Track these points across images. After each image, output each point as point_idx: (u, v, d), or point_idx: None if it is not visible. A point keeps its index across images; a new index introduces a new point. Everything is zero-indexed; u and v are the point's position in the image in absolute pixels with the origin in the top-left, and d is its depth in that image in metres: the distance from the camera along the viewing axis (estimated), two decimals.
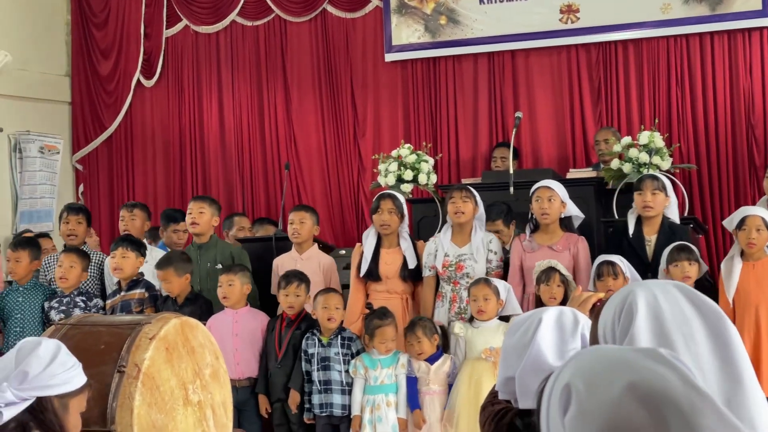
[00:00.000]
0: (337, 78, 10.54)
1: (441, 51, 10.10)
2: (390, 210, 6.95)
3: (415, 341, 6.38)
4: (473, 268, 6.75)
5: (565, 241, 6.70)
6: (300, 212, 7.45)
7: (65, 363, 2.77)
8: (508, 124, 9.73)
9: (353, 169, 10.45)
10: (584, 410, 1.36)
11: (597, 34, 9.56)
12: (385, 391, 6.40)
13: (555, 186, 6.74)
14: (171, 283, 6.93)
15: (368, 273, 6.97)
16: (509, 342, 2.49)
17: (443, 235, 6.94)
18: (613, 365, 1.39)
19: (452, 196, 6.88)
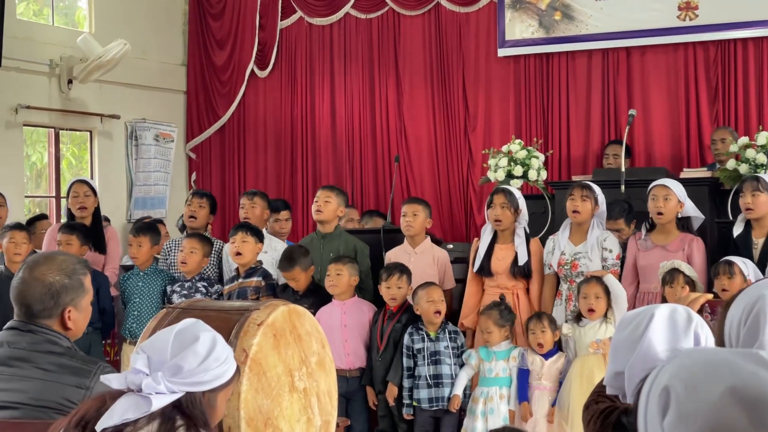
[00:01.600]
0: (449, 72, 10.53)
1: (555, 47, 10.02)
2: (502, 204, 6.89)
3: (539, 330, 6.35)
4: (588, 267, 6.68)
5: (680, 241, 6.60)
6: (413, 205, 7.42)
7: (219, 357, 2.74)
8: (620, 122, 9.61)
9: (463, 164, 10.44)
10: (684, 413, 1.34)
11: (716, 32, 9.38)
12: (499, 383, 6.41)
13: (672, 185, 6.64)
14: (299, 281, 7.00)
15: (480, 268, 6.95)
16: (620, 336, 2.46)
17: (561, 233, 6.88)
18: (713, 368, 1.37)
19: (572, 193, 6.80)
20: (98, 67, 9.95)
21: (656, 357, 2.35)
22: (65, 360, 3.26)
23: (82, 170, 10.97)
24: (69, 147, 11.08)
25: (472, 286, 7.02)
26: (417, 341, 6.62)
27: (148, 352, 2.65)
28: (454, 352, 6.59)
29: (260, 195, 8.08)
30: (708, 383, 1.34)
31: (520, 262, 6.86)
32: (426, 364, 6.58)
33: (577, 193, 6.75)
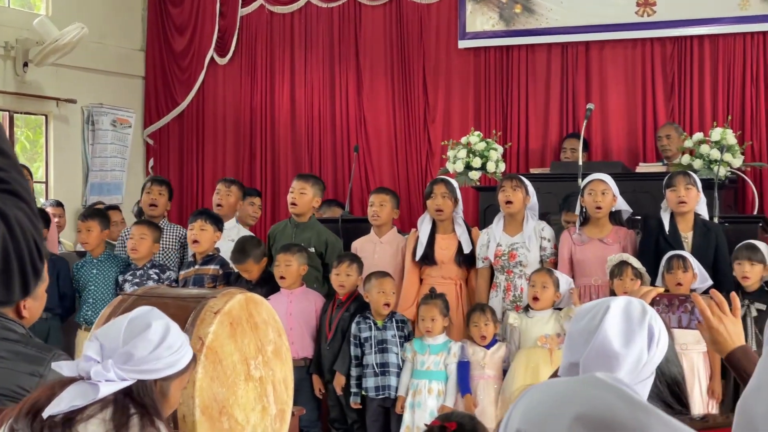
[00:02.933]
0: (409, 63, 10.54)
1: (514, 39, 10.06)
2: (443, 194, 6.95)
3: (483, 323, 6.39)
4: (526, 257, 6.76)
5: (615, 234, 6.72)
6: (381, 194, 7.43)
7: (172, 345, 2.72)
8: (578, 116, 9.67)
9: (422, 155, 10.46)
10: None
11: (673, 28, 9.47)
12: (429, 377, 6.43)
13: (608, 179, 6.74)
14: (251, 272, 7.01)
15: (424, 257, 6.98)
16: (575, 328, 2.49)
17: (495, 226, 6.95)
18: (557, 401, 1.38)
19: (502, 185, 6.90)
20: (55, 50, 9.86)
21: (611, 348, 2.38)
22: (20, 347, 3.24)
23: (37, 155, 10.87)
24: (24, 131, 10.97)
25: (412, 276, 7.05)
26: (364, 330, 6.65)
27: (101, 340, 2.64)
28: (401, 341, 6.63)
29: (237, 184, 8.09)
30: (555, 418, 1.35)
31: (465, 250, 6.92)
32: (373, 352, 6.61)
33: (507, 184, 6.85)
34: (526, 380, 6.20)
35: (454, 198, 7.00)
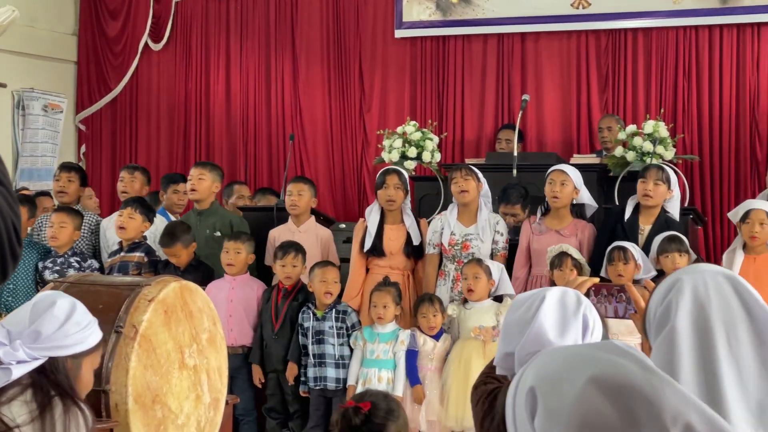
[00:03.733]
0: (346, 51, 10.52)
1: (451, 30, 10.08)
2: (396, 185, 6.95)
3: (431, 314, 6.40)
4: (479, 249, 6.75)
5: (573, 226, 6.71)
6: (298, 184, 7.44)
7: (80, 322, 2.76)
8: (514, 107, 9.72)
9: (357, 144, 10.45)
10: (551, 410, 1.36)
11: (607, 21, 9.55)
12: (379, 365, 6.42)
13: (569, 171, 6.73)
14: (180, 257, 6.98)
15: (372, 248, 6.98)
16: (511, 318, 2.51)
17: (450, 214, 6.92)
18: (573, 362, 1.40)
19: (453, 177, 6.88)
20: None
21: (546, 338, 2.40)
22: None
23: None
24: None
25: (358, 266, 7.05)
26: (306, 320, 6.66)
27: (7, 326, 2.68)
28: (340, 332, 6.61)
29: (141, 170, 8.08)
30: (569, 377, 1.37)
31: (414, 241, 6.92)
32: (310, 343, 6.60)
33: (457, 174, 6.84)
34: (459, 372, 6.23)
35: (405, 189, 7.00)
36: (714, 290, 1.93)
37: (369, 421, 3.57)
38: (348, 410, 3.60)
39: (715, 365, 1.83)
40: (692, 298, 1.93)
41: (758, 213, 6.20)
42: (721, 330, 1.88)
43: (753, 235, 6.20)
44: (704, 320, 1.89)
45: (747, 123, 9.10)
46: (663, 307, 1.95)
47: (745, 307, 1.91)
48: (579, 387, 1.34)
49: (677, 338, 1.88)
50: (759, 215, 6.19)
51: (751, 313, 1.90)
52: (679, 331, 1.88)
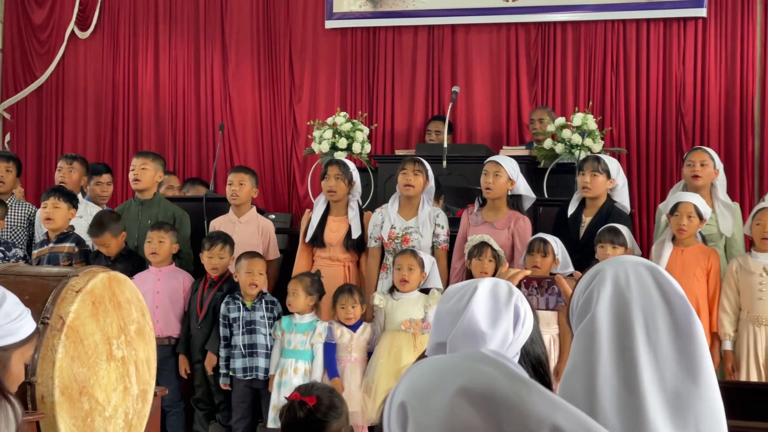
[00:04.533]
0: (276, 41, 10.47)
1: (381, 21, 10.08)
2: (337, 176, 6.90)
3: (350, 305, 6.39)
4: (419, 242, 6.74)
5: (507, 219, 6.70)
6: (239, 174, 7.37)
7: (10, 314, 2.69)
8: (444, 98, 9.75)
9: (287, 134, 10.42)
10: (421, 425, 1.36)
11: (537, 14, 9.61)
12: (296, 356, 6.41)
13: (504, 162, 6.72)
14: (109, 246, 6.91)
15: (313, 239, 6.96)
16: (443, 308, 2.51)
17: (390, 207, 6.90)
18: (441, 374, 1.39)
19: (404, 167, 6.81)
20: None
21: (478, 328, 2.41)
22: None
23: None
24: None
25: (302, 257, 7.02)
26: (233, 310, 6.62)
27: None
28: (270, 322, 6.60)
29: (80, 160, 7.96)
30: (438, 390, 1.36)
31: (353, 235, 6.90)
32: (241, 333, 6.57)
33: (409, 167, 6.79)
34: (389, 364, 6.23)
35: (348, 180, 6.95)
36: (634, 280, 1.95)
37: (312, 415, 3.59)
38: (294, 403, 3.61)
39: (633, 353, 1.85)
40: (613, 287, 1.94)
41: (687, 206, 6.29)
42: (640, 319, 1.89)
43: (681, 228, 6.28)
44: (624, 309, 1.91)
45: (673, 116, 9.23)
46: (585, 297, 1.97)
47: (664, 297, 1.92)
48: (447, 399, 1.34)
49: (597, 327, 1.90)
50: (687, 208, 6.28)
51: (670, 303, 1.92)
52: (599, 320, 1.90)
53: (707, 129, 9.12)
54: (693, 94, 9.20)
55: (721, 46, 9.15)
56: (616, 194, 6.76)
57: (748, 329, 6.12)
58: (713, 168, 6.75)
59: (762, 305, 6.09)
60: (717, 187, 6.78)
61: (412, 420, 1.38)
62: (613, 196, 6.74)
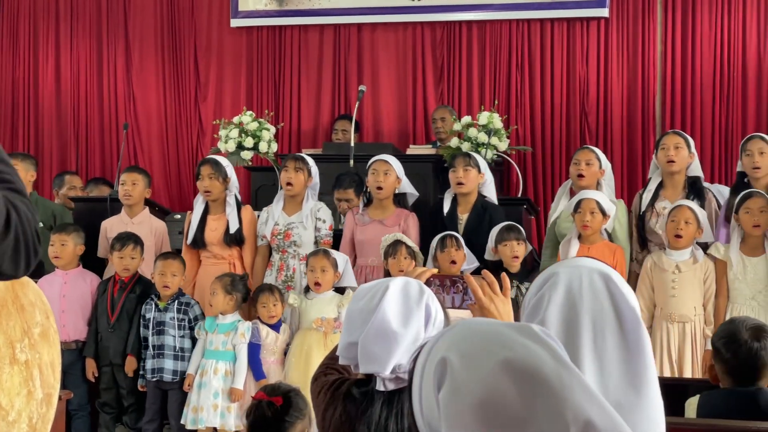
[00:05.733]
0: (181, 40, 10.37)
1: (287, 20, 10.04)
2: (210, 175, 6.87)
3: (271, 303, 6.35)
4: (301, 237, 6.77)
5: (396, 216, 6.78)
6: (132, 173, 7.33)
7: None
8: (350, 97, 9.76)
9: (192, 134, 10.32)
10: (458, 385, 1.36)
11: (442, 13, 9.66)
12: (216, 357, 6.36)
13: (392, 161, 6.79)
14: None
15: (194, 240, 6.94)
16: (354, 307, 2.50)
17: (275, 204, 6.94)
18: (489, 341, 1.39)
19: (286, 165, 6.87)
20: None
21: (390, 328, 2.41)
22: None
23: None
24: None
25: (188, 259, 6.97)
26: (148, 311, 6.57)
27: None
28: (182, 323, 6.54)
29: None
30: (483, 355, 1.37)
31: (231, 230, 6.87)
32: (151, 334, 6.51)
33: (290, 164, 6.83)
34: (300, 364, 6.21)
35: (222, 177, 6.92)
36: (587, 287, 1.93)
37: (279, 415, 3.59)
38: (261, 403, 3.59)
39: (578, 361, 1.83)
40: (565, 292, 1.93)
41: (589, 202, 6.37)
42: (589, 328, 1.88)
43: (585, 224, 6.36)
44: (574, 316, 1.90)
45: (577, 115, 9.36)
46: (536, 300, 1.95)
47: (614, 307, 1.90)
48: (490, 367, 1.34)
49: None
50: (590, 204, 6.36)
51: (620, 313, 1.90)
52: (547, 325, 1.88)
53: (610, 127, 9.26)
54: (596, 93, 9.33)
55: (623, 46, 9.30)
56: (484, 189, 6.84)
57: (661, 326, 6.21)
58: (599, 167, 6.84)
59: (675, 302, 6.19)
60: (603, 186, 6.86)
61: (451, 377, 1.37)
62: (482, 192, 6.81)
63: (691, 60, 9.14)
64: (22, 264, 1.87)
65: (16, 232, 1.82)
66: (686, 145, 6.67)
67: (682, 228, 6.19)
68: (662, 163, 6.69)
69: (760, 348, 3.46)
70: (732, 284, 6.20)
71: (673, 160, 6.62)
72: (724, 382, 3.55)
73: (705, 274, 6.22)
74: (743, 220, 6.18)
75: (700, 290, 6.21)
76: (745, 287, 6.16)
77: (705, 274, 6.22)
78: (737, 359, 3.48)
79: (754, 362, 3.46)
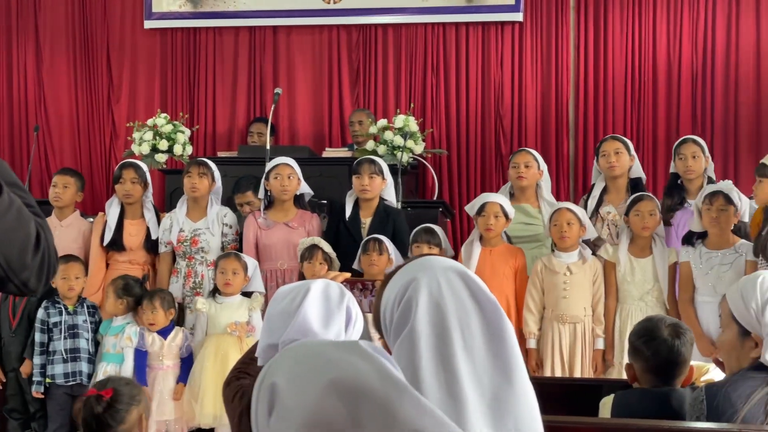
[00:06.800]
0: (93, 41, 10.22)
1: (202, 21, 9.96)
2: (133, 180, 6.88)
3: (150, 310, 6.32)
4: (209, 243, 6.76)
5: (300, 218, 6.81)
6: (65, 176, 7.25)
7: None
8: (266, 100, 9.72)
9: (105, 136, 10.18)
10: (286, 408, 1.36)
11: (358, 16, 9.66)
12: (108, 360, 6.32)
13: (293, 164, 6.83)
14: None
15: (112, 243, 6.86)
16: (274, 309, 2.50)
17: (179, 210, 6.92)
18: (316, 362, 1.40)
19: (189, 171, 6.87)
20: None
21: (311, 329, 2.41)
22: None
23: None
24: None
25: (98, 261, 6.90)
26: (53, 315, 6.46)
27: None
28: (92, 326, 6.49)
29: None
30: (309, 377, 1.37)
31: (153, 236, 6.87)
32: (63, 338, 6.41)
33: (194, 170, 6.85)
34: (216, 368, 6.18)
35: (144, 183, 6.89)
36: (447, 287, 1.96)
37: (111, 407, 3.58)
38: (90, 399, 3.58)
39: (453, 362, 1.86)
40: (428, 297, 1.94)
41: (493, 206, 6.45)
42: (456, 326, 1.91)
43: (488, 228, 6.44)
44: (441, 318, 1.92)
45: (492, 119, 9.42)
46: (401, 308, 1.96)
47: (475, 301, 1.95)
48: (317, 389, 1.34)
49: (417, 339, 1.89)
50: (493, 208, 6.44)
51: (481, 306, 1.94)
52: (418, 332, 1.90)
53: (525, 131, 9.34)
54: (511, 97, 9.41)
55: (537, 50, 9.39)
56: (385, 193, 6.89)
57: (552, 327, 6.29)
58: (537, 169, 6.95)
59: (566, 303, 6.27)
60: (542, 188, 6.98)
61: (280, 402, 1.38)
62: (383, 196, 6.86)
63: (603, 64, 9.26)
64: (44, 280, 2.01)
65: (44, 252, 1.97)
66: (626, 149, 6.82)
67: (566, 230, 6.30)
68: (604, 169, 6.82)
69: (681, 344, 3.51)
70: (621, 285, 6.32)
71: (614, 166, 6.75)
72: (644, 381, 3.59)
73: (594, 276, 6.33)
74: (633, 222, 6.31)
75: (589, 291, 6.32)
76: (633, 288, 6.28)
77: (594, 276, 6.33)
78: (658, 357, 3.52)
79: (675, 359, 3.51)
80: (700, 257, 6.10)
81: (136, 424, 3.67)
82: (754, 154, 8.64)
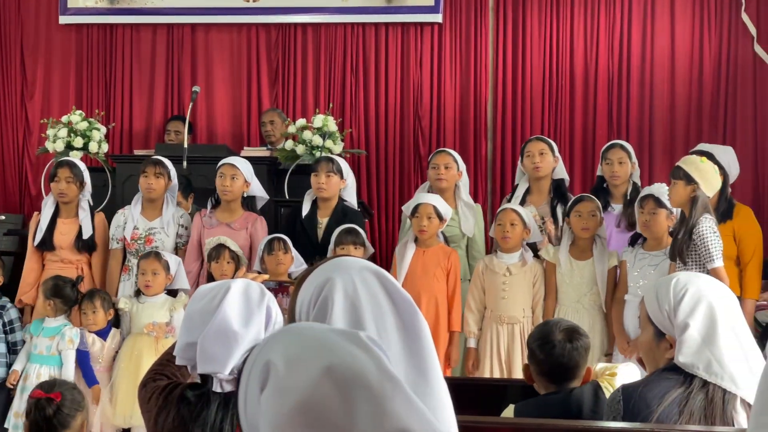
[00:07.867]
0: (6, 36, 10.03)
1: (119, 18, 9.83)
2: (68, 179, 6.77)
3: (90, 311, 6.23)
4: (164, 242, 6.71)
5: (244, 220, 6.74)
6: None
7: None
8: (184, 98, 9.64)
9: (18, 133, 10.00)
10: (281, 388, 1.37)
11: (277, 15, 9.63)
12: (40, 361, 6.21)
13: (240, 164, 6.75)
14: None
15: (42, 242, 6.76)
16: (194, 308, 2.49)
17: (134, 207, 6.84)
18: (315, 346, 1.41)
19: (145, 171, 6.77)
20: None
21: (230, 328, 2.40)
22: None
23: None
24: None
25: (32, 261, 6.80)
26: None
27: None
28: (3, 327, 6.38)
29: None
30: (307, 360, 1.38)
31: (84, 235, 6.75)
32: None
33: (150, 170, 6.75)
34: (130, 368, 6.12)
35: (80, 181, 6.79)
36: (362, 287, 1.99)
37: (60, 412, 3.64)
38: (40, 401, 3.62)
39: None
40: (344, 296, 1.98)
41: (426, 207, 6.45)
42: (372, 324, 1.94)
43: (422, 229, 6.44)
44: (357, 318, 1.95)
45: (411, 119, 9.45)
46: (317, 308, 1.99)
47: (391, 300, 1.98)
48: (313, 372, 1.35)
49: None
50: (427, 209, 6.44)
51: (397, 305, 1.98)
52: None
53: (443, 132, 9.38)
54: (430, 98, 9.44)
55: (456, 51, 9.44)
56: (345, 194, 6.87)
57: (491, 327, 6.32)
58: (457, 170, 6.98)
59: (505, 304, 6.30)
60: (460, 188, 7.02)
61: (273, 381, 1.38)
62: (343, 196, 6.84)
63: (521, 66, 9.34)
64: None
65: None
66: (550, 150, 6.88)
67: (509, 230, 6.33)
68: (529, 170, 6.87)
69: (572, 349, 3.57)
70: (560, 286, 6.36)
71: (538, 167, 6.80)
72: (539, 383, 3.66)
73: (534, 277, 6.37)
74: (573, 223, 6.35)
75: (529, 292, 6.35)
76: (571, 290, 6.32)
77: (534, 277, 6.37)
78: (551, 360, 3.59)
79: (566, 363, 3.57)
80: (634, 257, 6.18)
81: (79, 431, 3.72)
82: (668, 157, 8.79)
